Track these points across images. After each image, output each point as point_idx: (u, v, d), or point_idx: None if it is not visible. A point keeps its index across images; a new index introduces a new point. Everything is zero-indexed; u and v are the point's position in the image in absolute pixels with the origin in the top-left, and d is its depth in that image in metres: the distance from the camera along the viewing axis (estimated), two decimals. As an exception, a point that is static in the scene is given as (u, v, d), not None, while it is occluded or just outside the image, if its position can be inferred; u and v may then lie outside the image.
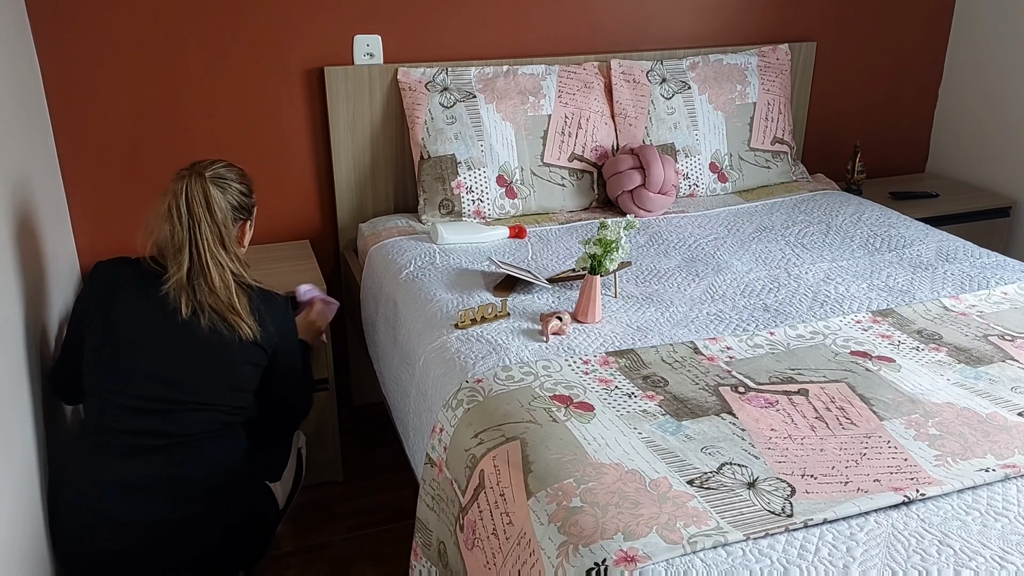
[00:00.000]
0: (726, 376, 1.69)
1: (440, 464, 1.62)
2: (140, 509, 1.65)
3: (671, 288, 2.12)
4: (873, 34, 3.21)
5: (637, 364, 1.74)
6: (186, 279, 1.67)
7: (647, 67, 2.77)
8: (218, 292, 1.68)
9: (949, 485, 1.36)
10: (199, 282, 1.68)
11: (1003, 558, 1.21)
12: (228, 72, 2.46)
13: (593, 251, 1.87)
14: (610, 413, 1.55)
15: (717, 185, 2.82)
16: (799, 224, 2.55)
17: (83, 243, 2.48)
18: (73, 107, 2.36)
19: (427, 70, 2.58)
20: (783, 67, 2.94)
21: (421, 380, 1.84)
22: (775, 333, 1.88)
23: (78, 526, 1.65)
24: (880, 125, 3.37)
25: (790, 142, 2.94)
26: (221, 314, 1.69)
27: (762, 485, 1.36)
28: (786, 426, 1.52)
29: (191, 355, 1.69)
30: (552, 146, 2.61)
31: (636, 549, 1.20)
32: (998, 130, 3.19)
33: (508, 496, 1.39)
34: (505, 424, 1.52)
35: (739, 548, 1.22)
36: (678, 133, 2.75)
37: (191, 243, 1.67)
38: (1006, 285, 2.13)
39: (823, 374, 1.70)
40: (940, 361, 1.77)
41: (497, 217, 2.56)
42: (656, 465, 1.40)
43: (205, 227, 1.67)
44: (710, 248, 2.37)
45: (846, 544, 1.24)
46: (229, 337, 1.70)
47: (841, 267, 2.25)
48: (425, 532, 1.68)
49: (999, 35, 3.14)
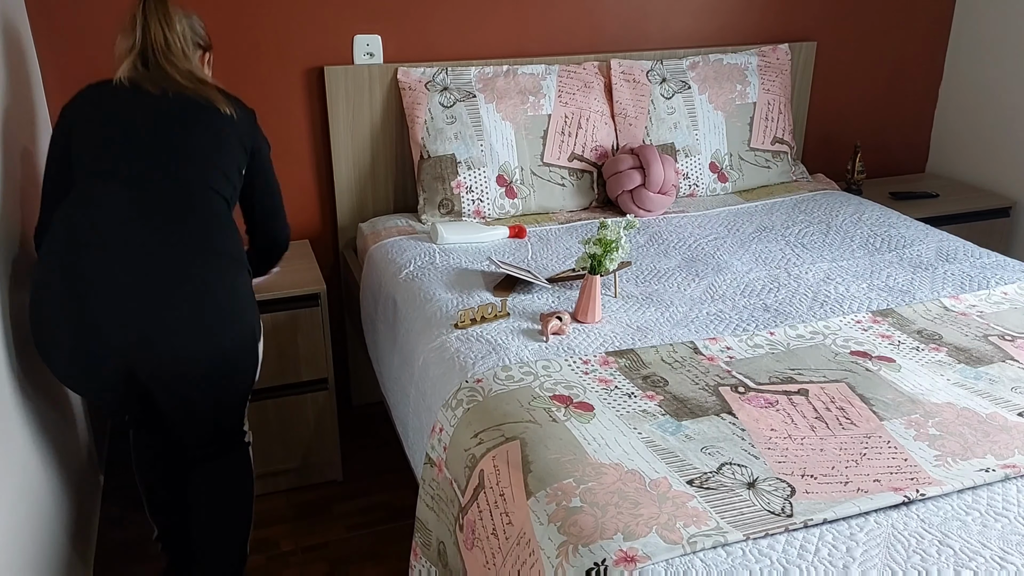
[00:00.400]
0: (726, 376, 1.69)
1: (440, 464, 1.62)
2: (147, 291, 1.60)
3: (671, 288, 2.12)
4: (873, 34, 3.21)
5: (637, 364, 1.74)
6: (154, 56, 1.73)
7: (647, 67, 2.77)
8: (184, 70, 1.74)
9: (949, 485, 1.35)
10: (165, 60, 1.73)
11: (1003, 558, 1.21)
12: (228, 71, 2.46)
13: (593, 251, 1.87)
14: (610, 413, 1.55)
15: (717, 185, 2.82)
16: (799, 224, 2.55)
17: (83, 243, 2.48)
18: (73, 107, 2.36)
19: (427, 70, 2.58)
20: (783, 67, 2.94)
21: (421, 380, 1.84)
22: (775, 333, 1.88)
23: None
24: (880, 125, 3.37)
25: (790, 142, 2.94)
26: (195, 90, 1.73)
27: (762, 485, 1.36)
28: (786, 426, 1.52)
29: (183, 122, 1.70)
30: (552, 146, 2.61)
31: (636, 549, 1.20)
32: (998, 130, 3.19)
33: (508, 496, 1.39)
34: (505, 424, 1.52)
35: (739, 548, 1.22)
36: (678, 133, 2.75)
37: (144, 27, 1.72)
38: (1006, 285, 2.13)
39: (823, 374, 1.70)
40: (940, 361, 1.77)
41: (497, 217, 2.56)
42: (656, 465, 1.40)
43: (161, 29, 1.72)
44: (710, 248, 2.37)
45: (846, 544, 1.24)
46: (211, 107, 1.73)
47: (841, 267, 2.25)
48: (425, 532, 1.68)
49: (999, 35, 3.14)
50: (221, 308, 1.63)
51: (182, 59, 1.75)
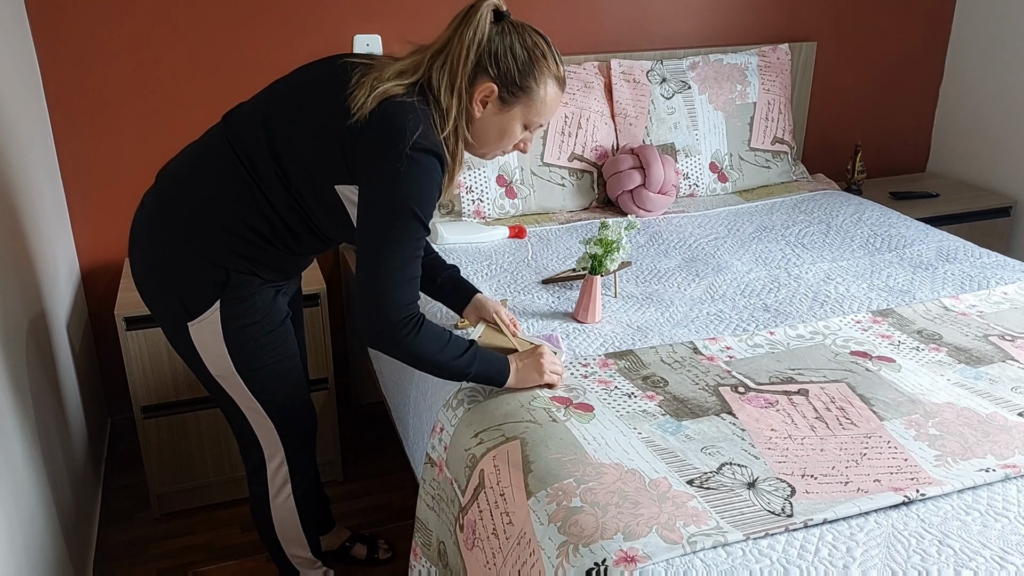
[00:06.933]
0: (726, 376, 1.69)
1: (440, 464, 1.62)
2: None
3: (671, 288, 2.12)
4: (873, 34, 3.21)
5: (637, 364, 1.74)
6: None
7: (647, 67, 2.77)
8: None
9: (949, 485, 1.35)
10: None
11: (1003, 558, 1.21)
12: (228, 71, 2.46)
13: (594, 251, 1.87)
14: (610, 413, 1.55)
15: (717, 185, 2.82)
16: (799, 224, 2.55)
17: (83, 243, 2.48)
18: (73, 107, 2.36)
19: (427, 70, 2.57)
20: (783, 67, 2.94)
21: (421, 380, 1.84)
22: (775, 333, 1.88)
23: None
24: (880, 125, 3.37)
25: (790, 142, 2.94)
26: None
27: (762, 485, 1.36)
28: (786, 426, 1.52)
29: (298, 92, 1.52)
30: (552, 146, 2.61)
31: (636, 549, 1.20)
32: (998, 130, 3.19)
33: (508, 496, 1.39)
34: (505, 424, 1.52)
35: (739, 548, 1.22)
36: (678, 133, 2.75)
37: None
38: (1006, 285, 2.13)
39: (823, 374, 1.70)
40: (940, 361, 1.77)
41: (497, 217, 2.56)
42: (656, 465, 1.40)
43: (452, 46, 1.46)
44: (710, 248, 2.37)
45: (846, 544, 1.24)
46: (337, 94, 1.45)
47: (841, 267, 2.25)
48: (425, 532, 1.68)
49: (999, 35, 3.14)
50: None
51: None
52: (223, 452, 2.34)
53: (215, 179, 1.52)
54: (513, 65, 1.47)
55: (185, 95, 2.45)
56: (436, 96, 1.46)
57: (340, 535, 2.18)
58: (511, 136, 1.55)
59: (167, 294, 1.56)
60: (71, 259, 2.42)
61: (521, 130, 1.55)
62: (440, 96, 1.46)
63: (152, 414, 2.24)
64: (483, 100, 1.49)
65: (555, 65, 1.51)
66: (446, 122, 1.46)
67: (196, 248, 1.52)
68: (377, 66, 1.48)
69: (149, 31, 2.37)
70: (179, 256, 1.53)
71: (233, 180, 1.51)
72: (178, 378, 2.23)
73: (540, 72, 1.49)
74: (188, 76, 2.44)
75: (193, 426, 2.28)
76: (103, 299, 2.54)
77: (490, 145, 1.56)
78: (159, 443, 2.27)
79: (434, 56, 1.48)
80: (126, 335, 2.15)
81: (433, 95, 1.46)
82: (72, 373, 2.21)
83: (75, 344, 2.29)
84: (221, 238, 1.52)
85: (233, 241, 1.53)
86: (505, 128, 1.53)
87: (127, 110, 2.41)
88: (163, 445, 2.28)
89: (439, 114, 1.46)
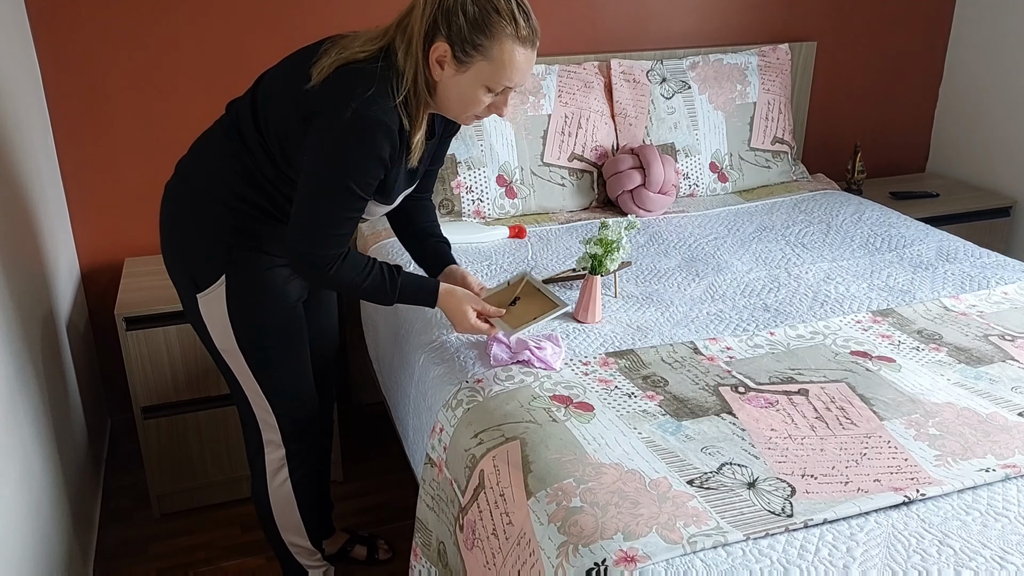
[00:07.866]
0: (726, 376, 1.69)
1: (440, 464, 1.62)
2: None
3: (671, 288, 2.12)
4: (873, 34, 3.21)
5: (637, 364, 1.74)
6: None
7: (647, 67, 2.77)
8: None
9: (949, 485, 1.35)
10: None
11: (1003, 558, 1.21)
12: (228, 71, 2.46)
13: (594, 251, 1.87)
14: (610, 413, 1.55)
15: (717, 185, 2.82)
16: (799, 224, 2.55)
17: (83, 243, 2.48)
18: (73, 107, 2.36)
19: (427, 70, 2.57)
20: (783, 67, 2.94)
21: (421, 380, 1.84)
22: (775, 333, 1.88)
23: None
24: (880, 125, 3.37)
25: (790, 142, 2.94)
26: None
27: (762, 485, 1.36)
28: (786, 426, 1.52)
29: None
30: (552, 146, 2.61)
31: (636, 549, 1.20)
32: (998, 130, 3.19)
33: (508, 496, 1.39)
34: (505, 424, 1.52)
35: (739, 548, 1.22)
36: (678, 133, 2.75)
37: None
38: (1006, 285, 2.13)
39: (823, 374, 1.70)
40: (940, 361, 1.77)
41: (497, 217, 2.56)
42: (656, 465, 1.40)
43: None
44: (710, 248, 2.36)
45: (846, 544, 1.24)
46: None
47: (841, 267, 2.25)
48: (425, 532, 1.68)
49: (999, 35, 3.14)
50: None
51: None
52: (223, 452, 2.34)
53: (215, 158, 1.62)
54: (464, 23, 1.42)
55: (185, 95, 2.45)
56: (395, 60, 1.47)
57: (338, 540, 2.18)
58: (474, 99, 1.49)
59: (180, 267, 1.67)
60: (71, 259, 2.42)
61: (485, 92, 1.49)
62: (398, 59, 1.47)
63: (152, 414, 2.24)
64: (439, 61, 1.46)
65: (513, 23, 1.43)
66: (404, 85, 1.47)
67: (201, 224, 1.62)
68: (353, 36, 1.52)
69: (149, 31, 2.37)
70: (187, 232, 1.65)
71: (230, 156, 1.60)
72: (178, 378, 2.23)
73: (493, 30, 1.42)
74: (188, 76, 2.44)
75: (193, 426, 2.28)
76: (103, 299, 2.54)
77: (455, 108, 1.53)
78: (159, 443, 2.27)
79: (400, 20, 1.50)
80: (126, 335, 2.15)
81: (394, 58, 1.47)
82: (72, 373, 2.21)
83: (75, 344, 2.29)
84: (223, 215, 1.60)
85: (235, 217, 1.60)
86: (464, 90, 1.48)
87: (127, 110, 2.41)
88: (163, 445, 2.28)
89: (397, 78, 1.46)
